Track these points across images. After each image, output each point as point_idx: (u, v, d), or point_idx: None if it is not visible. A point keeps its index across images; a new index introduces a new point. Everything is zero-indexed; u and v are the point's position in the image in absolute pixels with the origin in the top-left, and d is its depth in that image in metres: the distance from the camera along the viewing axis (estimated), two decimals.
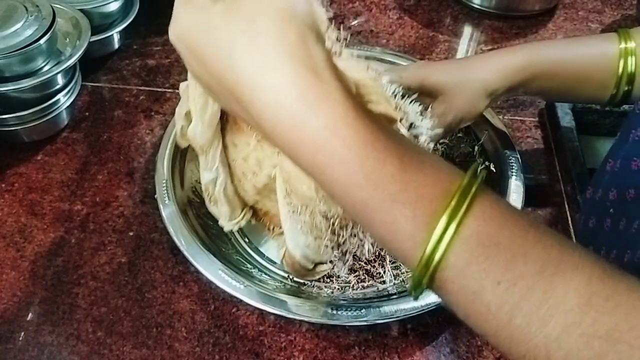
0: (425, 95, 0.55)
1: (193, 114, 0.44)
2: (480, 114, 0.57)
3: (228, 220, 0.49)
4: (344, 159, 0.30)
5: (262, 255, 0.57)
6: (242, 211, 0.50)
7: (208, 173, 0.47)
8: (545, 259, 0.28)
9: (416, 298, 0.32)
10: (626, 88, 0.54)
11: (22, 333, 0.51)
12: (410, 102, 0.48)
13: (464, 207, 0.29)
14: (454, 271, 0.29)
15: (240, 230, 0.57)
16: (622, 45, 0.53)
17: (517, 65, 0.54)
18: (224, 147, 0.47)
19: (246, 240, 0.58)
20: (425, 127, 0.47)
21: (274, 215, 0.50)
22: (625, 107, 0.58)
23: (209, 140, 0.45)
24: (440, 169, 0.31)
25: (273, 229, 0.52)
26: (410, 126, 0.45)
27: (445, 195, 0.29)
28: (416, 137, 0.46)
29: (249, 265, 0.55)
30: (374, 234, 0.32)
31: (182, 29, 0.34)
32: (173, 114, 0.53)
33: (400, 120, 0.44)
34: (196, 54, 0.34)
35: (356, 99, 0.31)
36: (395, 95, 0.47)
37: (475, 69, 0.55)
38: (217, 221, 0.51)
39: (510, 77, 0.55)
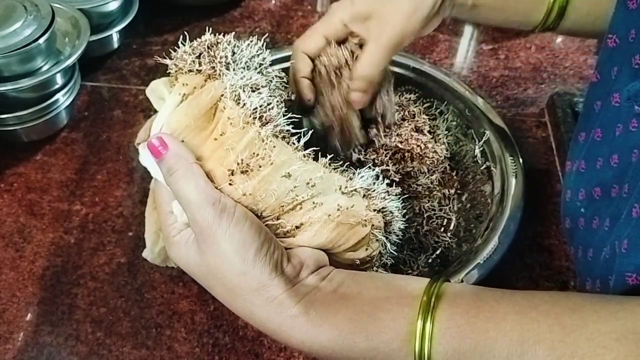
0: (360, 28, 0.52)
1: (147, 243, 0.46)
2: (423, 26, 0.52)
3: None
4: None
5: None
6: None
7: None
8: (508, 345, 0.32)
9: None
10: (555, 20, 0.54)
11: (21, 333, 0.51)
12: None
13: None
14: None
15: None
16: None
17: None
18: None
19: None
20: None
21: None
22: None
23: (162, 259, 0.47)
24: (389, 328, 0.35)
25: None
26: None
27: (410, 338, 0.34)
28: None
29: None
30: None
31: (177, 263, 0.40)
32: None
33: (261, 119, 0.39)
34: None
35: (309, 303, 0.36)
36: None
37: None
38: None
39: None
